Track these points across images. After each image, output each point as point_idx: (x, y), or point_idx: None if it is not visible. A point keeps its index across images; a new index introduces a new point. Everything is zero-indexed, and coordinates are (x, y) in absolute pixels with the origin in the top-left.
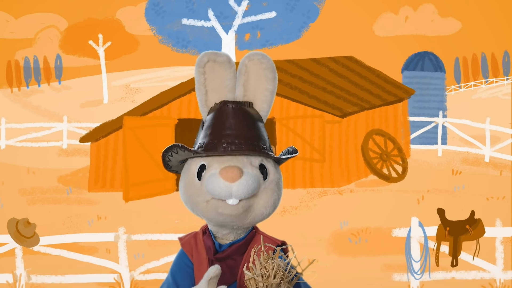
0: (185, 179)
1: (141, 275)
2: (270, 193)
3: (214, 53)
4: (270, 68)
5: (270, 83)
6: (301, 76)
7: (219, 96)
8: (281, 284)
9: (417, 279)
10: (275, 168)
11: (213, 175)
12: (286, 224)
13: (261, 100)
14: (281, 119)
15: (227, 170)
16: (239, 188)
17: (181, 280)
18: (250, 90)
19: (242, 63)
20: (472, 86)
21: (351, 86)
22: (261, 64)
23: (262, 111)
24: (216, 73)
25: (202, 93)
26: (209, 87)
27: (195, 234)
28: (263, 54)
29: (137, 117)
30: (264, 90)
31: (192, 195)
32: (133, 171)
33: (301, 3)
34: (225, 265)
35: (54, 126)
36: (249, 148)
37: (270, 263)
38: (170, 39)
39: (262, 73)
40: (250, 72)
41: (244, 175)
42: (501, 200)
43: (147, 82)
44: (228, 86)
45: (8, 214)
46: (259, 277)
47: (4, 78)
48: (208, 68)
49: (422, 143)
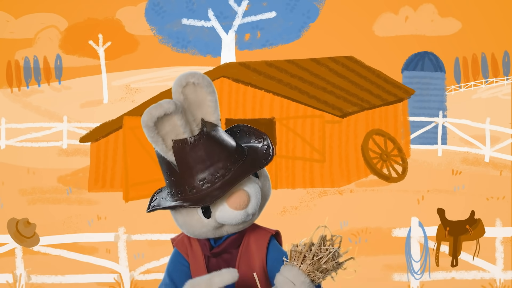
0: (189, 222)
1: (141, 275)
2: (267, 186)
3: (159, 107)
4: (207, 84)
5: (211, 95)
6: (301, 76)
7: (176, 135)
8: (328, 271)
9: (417, 279)
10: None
11: (224, 211)
12: (286, 224)
13: (210, 113)
14: (281, 119)
15: (236, 201)
16: (253, 208)
17: (178, 279)
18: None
19: (177, 92)
20: (472, 86)
21: (351, 86)
22: (196, 86)
23: (215, 120)
24: (166, 123)
25: (159, 143)
26: (163, 134)
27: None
28: (192, 73)
29: (137, 117)
30: (209, 102)
31: (202, 230)
32: (133, 171)
33: (301, 3)
34: (222, 259)
35: (54, 126)
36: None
37: (327, 248)
38: (170, 39)
39: (199, 91)
40: (189, 98)
41: (252, 196)
42: (501, 200)
43: (147, 82)
44: (181, 125)
45: (8, 214)
46: (310, 255)
47: (4, 78)
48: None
49: (422, 143)
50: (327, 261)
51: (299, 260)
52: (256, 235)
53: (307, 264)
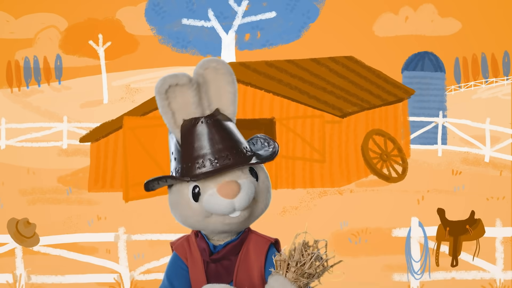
0: (179, 203)
1: (141, 275)
2: (266, 191)
3: (174, 76)
4: (227, 72)
5: (231, 86)
6: (301, 76)
7: (187, 114)
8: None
9: (417, 279)
10: (261, 166)
11: (211, 196)
12: (286, 224)
13: (226, 104)
14: (281, 119)
15: (225, 188)
16: (241, 201)
17: (177, 283)
18: (213, 98)
19: (198, 74)
20: (472, 86)
21: (351, 86)
22: (217, 71)
23: (230, 114)
24: (178, 94)
25: (169, 116)
26: (174, 108)
27: (187, 237)
28: (216, 59)
29: (137, 117)
30: (227, 93)
31: (190, 216)
32: (133, 171)
33: (301, 3)
34: (221, 265)
35: (54, 126)
36: (235, 157)
37: (309, 253)
38: (170, 39)
39: (220, 79)
40: (208, 81)
41: (243, 188)
42: (501, 200)
43: (147, 82)
44: (194, 102)
45: (8, 214)
46: (294, 262)
47: (4, 78)
48: (171, 92)
49: (422, 143)
50: (310, 266)
51: (284, 269)
52: (256, 243)
53: (292, 272)
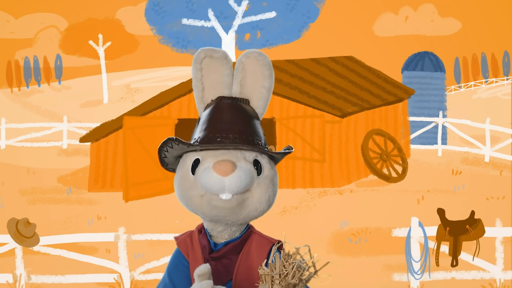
0: (179, 174)
1: (141, 275)
2: (264, 189)
3: (211, 49)
4: (267, 65)
5: (267, 81)
6: (301, 76)
7: (216, 92)
8: (298, 285)
9: (417, 279)
10: (270, 164)
11: (206, 169)
12: (286, 224)
13: (257, 98)
14: (281, 119)
15: (220, 164)
16: (232, 182)
17: (177, 279)
18: (246, 87)
19: (239, 61)
20: (472, 86)
21: (351, 86)
22: (257, 62)
23: (259, 108)
24: (213, 69)
25: (199, 89)
26: (206, 83)
27: (190, 233)
28: (260, 52)
29: (137, 117)
30: (261, 87)
31: (186, 190)
32: (133, 171)
33: (301, 3)
34: (221, 264)
35: (54, 126)
36: (243, 142)
37: (291, 263)
38: (170, 39)
39: (259, 70)
40: (247, 70)
41: (237, 169)
42: (501, 200)
43: (147, 82)
44: (225, 82)
45: (8, 214)
46: (277, 275)
47: (4, 78)
48: (205, 64)
49: (422, 143)
50: (293, 275)
51: (269, 282)
52: (258, 243)
53: (277, 284)
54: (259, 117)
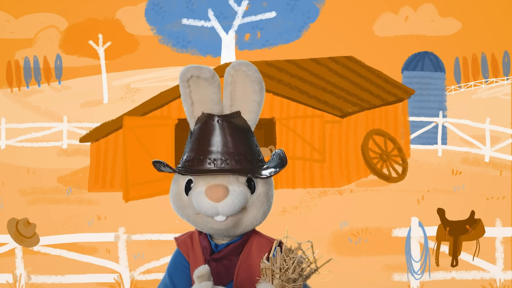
0: (174, 191)
1: (141, 275)
2: (259, 206)
3: (198, 68)
4: (257, 80)
5: (257, 95)
6: (301, 76)
7: (206, 107)
8: (298, 279)
9: (417, 279)
10: (263, 179)
11: (199, 194)
12: (286, 224)
13: (248, 111)
14: (281, 119)
15: (212, 190)
16: (225, 207)
17: (178, 280)
18: (237, 100)
19: (228, 73)
20: (472, 86)
21: (351, 86)
22: (247, 77)
23: (250, 121)
24: (201, 86)
25: (188, 104)
26: (194, 98)
27: (191, 234)
28: (248, 64)
29: (137, 117)
30: (252, 101)
31: (181, 208)
32: (133, 171)
33: (301, 3)
34: (221, 265)
35: (54, 126)
36: (235, 164)
37: (291, 257)
38: (170, 39)
39: (249, 85)
40: (237, 82)
41: (230, 195)
42: (501, 200)
43: (147, 82)
44: (214, 99)
45: (8, 214)
46: (277, 269)
47: (4, 78)
48: (192, 82)
49: (422, 143)
50: (294, 270)
51: (270, 276)
52: (259, 244)
53: (277, 279)
54: (251, 128)
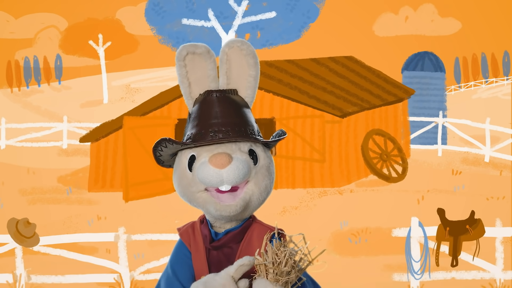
0: (177, 172)
1: (141, 275)
2: (261, 178)
3: (193, 45)
4: (251, 54)
5: (252, 69)
6: (301, 76)
7: (203, 86)
8: (291, 272)
9: (417, 279)
10: (265, 153)
11: (202, 164)
12: (286, 224)
13: (245, 87)
14: (281, 119)
15: (216, 157)
16: (230, 174)
17: (179, 270)
18: (233, 78)
19: (223, 52)
20: (472, 86)
21: (351, 86)
22: (241, 51)
23: (247, 97)
24: (197, 65)
25: (185, 85)
26: (191, 78)
27: (192, 224)
28: (242, 40)
29: (137, 117)
30: (247, 76)
31: (186, 187)
32: (133, 171)
33: (301, 3)
34: (222, 253)
35: (54, 126)
36: (236, 134)
37: (282, 251)
38: (170, 39)
39: (243, 60)
40: (232, 60)
41: (234, 161)
42: (501, 200)
43: (147, 82)
44: (210, 76)
45: (8, 214)
46: (270, 264)
47: (4, 78)
48: (188, 60)
49: (422, 143)
50: (286, 263)
51: (264, 272)
52: (259, 232)
53: (271, 273)
54: (249, 105)
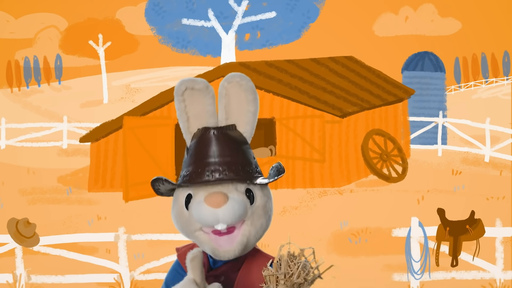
0: (175, 210)
1: (141, 275)
2: (257, 218)
3: (192, 80)
4: (250, 89)
5: (251, 105)
6: (301, 76)
7: (201, 122)
8: (303, 284)
9: (417, 279)
10: (262, 191)
11: (198, 203)
12: (286, 224)
13: (244, 122)
14: (281, 119)
15: (211, 197)
16: (225, 213)
17: None
18: (232, 113)
19: (222, 86)
20: (472, 86)
21: (351, 86)
22: (240, 87)
23: (246, 133)
24: (196, 100)
25: (184, 120)
26: (190, 113)
27: (192, 246)
28: (241, 75)
29: (137, 117)
30: (246, 112)
31: (183, 225)
32: (133, 171)
33: (301, 3)
34: (220, 282)
35: (54, 126)
36: (233, 174)
37: (296, 263)
38: (170, 39)
39: (242, 95)
40: (231, 95)
41: (230, 200)
42: (501, 200)
43: (147, 82)
44: (209, 111)
45: (8, 214)
46: (282, 275)
47: (4, 78)
48: (187, 95)
49: (422, 143)
50: (298, 275)
51: (274, 283)
52: (258, 261)
53: (282, 285)
54: (248, 140)
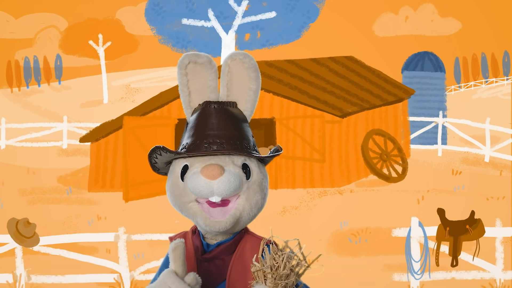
0: (170, 181)
1: (141, 275)
2: (253, 193)
3: (195, 54)
4: (253, 67)
5: (253, 83)
6: (301, 76)
7: (202, 97)
8: (290, 275)
9: (417, 279)
10: (259, 168)
11: (194, 174)
12: (286, 224)
13: (244, 100)
14: (281, 119)
15: (207, 168)
16: (220, 186)
17: None
18: (233, 90)
19: (225, 63)
20: (472, 86)
21: (351, 86)
22: (243, 64)
23: (246, 111)
24: (198, 74)
25: (185, 94)
26: (192, 88)
27: (185, 234)
28: (245, 53)
29: (137, 117)
30: (248, 89)
31: (177, 196)
32: (133, 171)
33: (301, 3)
34: (213, 265)
35: (54, 126)
36: (231, 147)
37: (280, 255)
38: (170, 39)
39: (245, 73)
40: (233, 72)
41: (226, 173)
42: (501, 200)
43: (147, 82)
44: (210, 86)
45: (8, 214)
46: (268, 269)
47: (4, 78)
48: (190, 69)
49: (422, 143)
50: (284, 267)
51: (262, 278)
52: (252, 243)
53: (270, 278)
54: (247, 119)
